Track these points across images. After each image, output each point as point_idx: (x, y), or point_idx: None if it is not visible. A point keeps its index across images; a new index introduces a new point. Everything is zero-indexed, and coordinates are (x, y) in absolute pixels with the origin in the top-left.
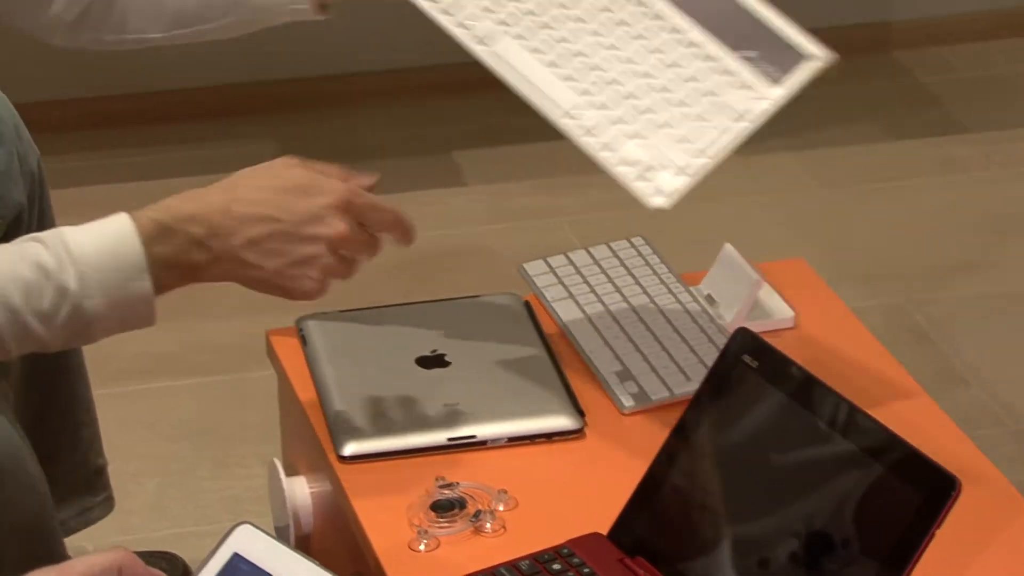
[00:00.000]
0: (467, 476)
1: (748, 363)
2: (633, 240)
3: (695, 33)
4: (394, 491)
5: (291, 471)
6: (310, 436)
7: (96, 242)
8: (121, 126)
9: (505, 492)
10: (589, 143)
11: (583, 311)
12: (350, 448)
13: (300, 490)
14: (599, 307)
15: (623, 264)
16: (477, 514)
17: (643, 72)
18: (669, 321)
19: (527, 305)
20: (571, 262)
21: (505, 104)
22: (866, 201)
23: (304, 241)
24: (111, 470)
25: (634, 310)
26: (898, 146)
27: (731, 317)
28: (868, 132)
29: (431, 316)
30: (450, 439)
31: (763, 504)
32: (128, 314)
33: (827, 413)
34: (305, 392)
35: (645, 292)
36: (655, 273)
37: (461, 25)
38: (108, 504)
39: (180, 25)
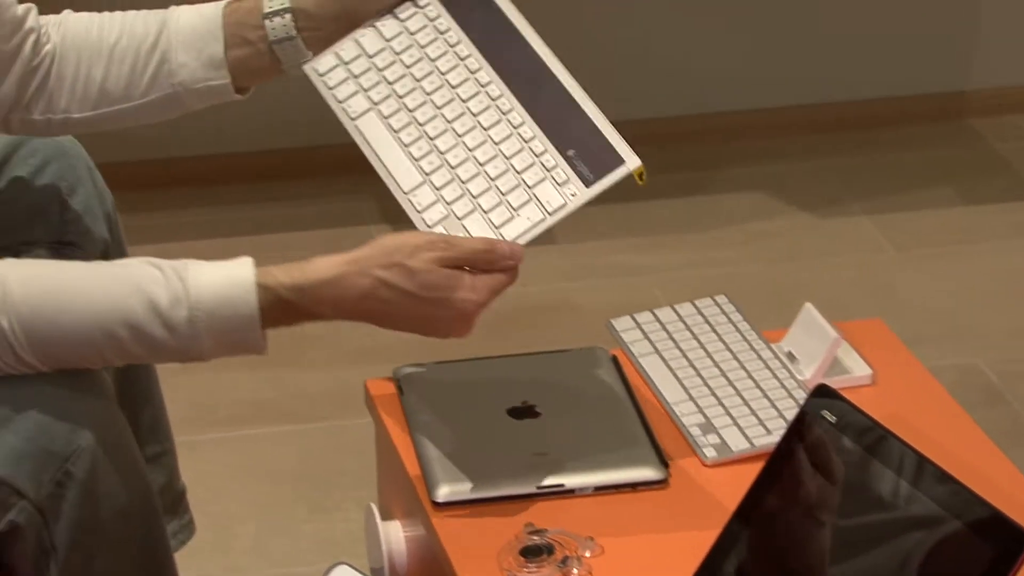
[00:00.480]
0: (555, 523)
1: (827, 418)
2: (717, 298)
3: (528, 126)
4: (485, 536)
5: (387, 515)
6: (405, 482)
7: (215, 287)
8: (217, 184)
9: (592, 539)
10: (420, 221)
11: (668, 366)
12: (444, 494)
13: (395, 534)
14: (683, 362)
15: (707, 321)
16: (564, 560)
17: (476, 158)
18: (751, 376)
19: (614, 359)
20: (657, 319)
21: None
22: (941, 263)
23: (426, 326)
24: (215, 511)
25: (717, 365)
26: (972, 210)
27: (811, 373)
28: (943, 197)
29: (522, 368)
30: (539, 487)
31: (840, 556)
32: (236, 351)
33: (903, 468)
34: (401, 439)
35: (728, 348)
36: (738, 330)
37: (342, 104)
38: (191, 527)
39: (105, 104)
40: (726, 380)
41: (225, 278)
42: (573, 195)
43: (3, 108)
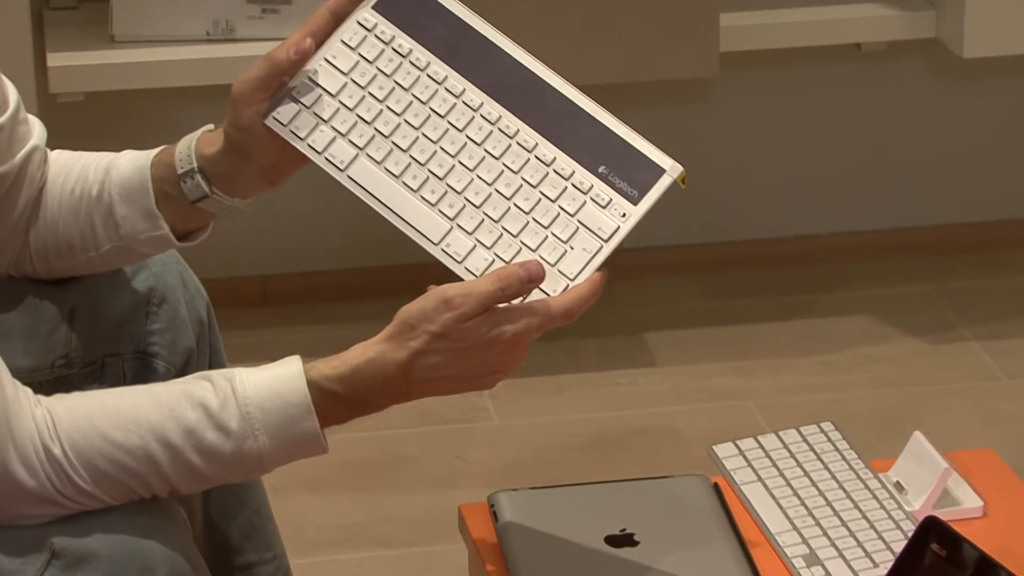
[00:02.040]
0: None
1: (936, 551)
2: (822, 425)
3: (546, 147)
4: None
5: None
6: None
7: (263, 382)
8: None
9: None
10: (464, 271)
11: (771, 494)
12: None
13: None
14: (787, 491)
15: (812, 449)
16: None
17: (499, 191)
18: (857, 506)
19: (716, 487)
20: (760, 446)
21: (694, 287)
22: None
23: (484, 373)
24: None
25: (822, 495)
26: None
27: (919, 505)
28: None
29: (620, 495)
30: None
31: None
32: (297, 450)
33: None
34: (495, 566)
35: (833, 477)
36: (844, 459)
37: (324, 155)
38: None
39: (68, 255)
40: (831, 510)
41: (272, 374)
42: (624, 216)
43: (19, 234)
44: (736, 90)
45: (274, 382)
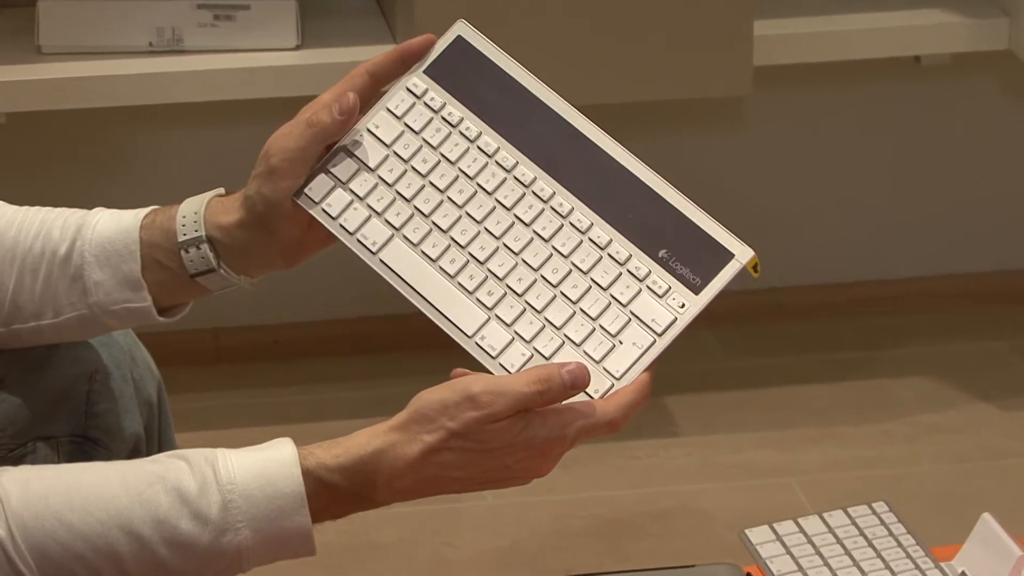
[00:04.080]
0: None
1: None
2: (875, 505)
3: (602, 228)
4: None
5: None
6: None
7: (251, 466)
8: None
9: None
10: (498, 367)
11: None
12: None
13: None
14: None
15: (862, 534)
16: None
17: (545, 278)
18: None
19: None
20: (801, 529)
21: (723, 342)
22: None
23: (505, 479)
24: None
25: None
26: None
27: None
28: None
29: None
30: None
31: None
32: (282, 549)
33: None
34: None
35: (888, 567)
36: (900, 545)
37: (355, 236)
38: None
39: (18, 320)
40: None
41: (262, 458)
42: (682, 307)
43: None
44: (772, 110)
45: (264, 467)
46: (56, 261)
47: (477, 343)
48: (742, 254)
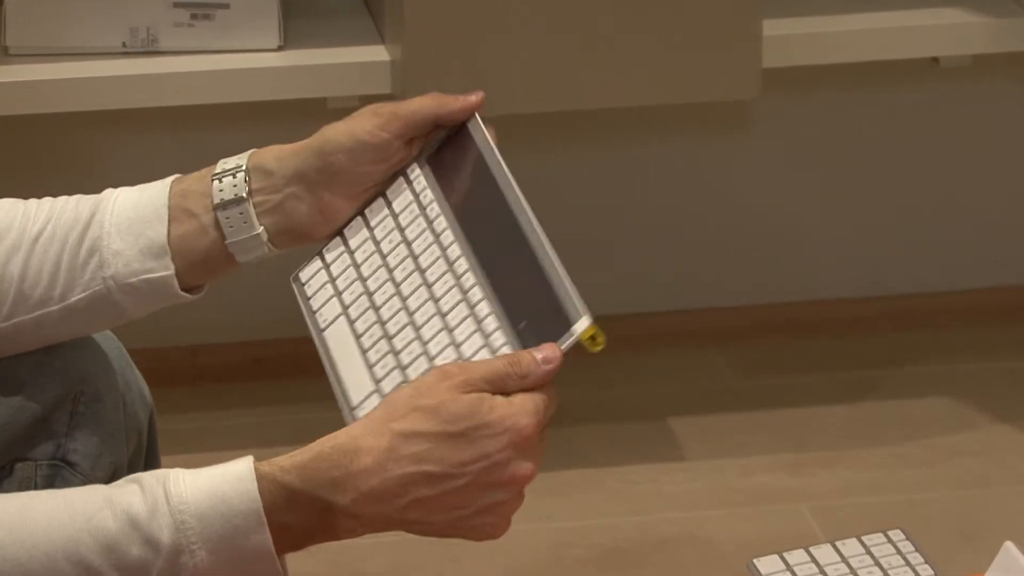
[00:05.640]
0: None
1: None
2: (890, 533)
3: (487, 302)
4: None
5: None
6: None
7: (203, 484)
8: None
9: None
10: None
11: None
12: None
13: None
14: None
15: (877, 563)
16: None
17: (428, 353)
18: None
19: None
20: (813, 559)
21: (730, 360)
22: None
23: (485, 489)
24: None
25: None
26: None
27: None
28: None
29: None
30: None
31: None
32: (244, 570)
33: None
34: None
35: None
36: (917, 575)
37: (315, 315)
38: None
39: (22, 311)
40: None
41: (215, 474)
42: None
43: None
44: (782, 114)
45: (216, 485)
46: (70, 239)
47: (353, 415)
48: (580, 324)
